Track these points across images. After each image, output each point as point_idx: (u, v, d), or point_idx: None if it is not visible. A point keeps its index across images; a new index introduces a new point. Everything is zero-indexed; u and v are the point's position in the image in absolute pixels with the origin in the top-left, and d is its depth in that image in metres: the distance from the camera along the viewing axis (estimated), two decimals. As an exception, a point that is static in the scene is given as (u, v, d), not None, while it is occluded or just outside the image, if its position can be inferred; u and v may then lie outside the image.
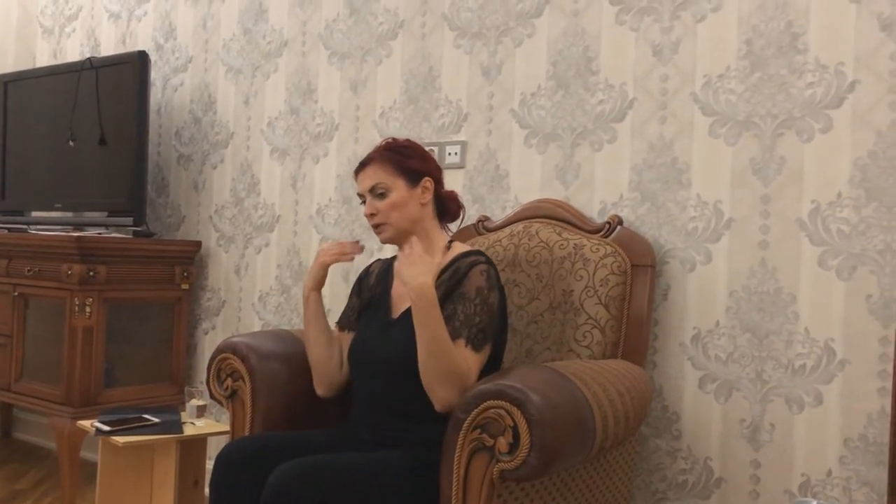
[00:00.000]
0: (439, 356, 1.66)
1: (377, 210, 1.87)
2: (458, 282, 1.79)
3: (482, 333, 1.73)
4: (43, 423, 3.69)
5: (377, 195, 1.88)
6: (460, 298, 1.76)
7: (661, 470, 2.14)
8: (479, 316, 1.74)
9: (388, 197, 1.87)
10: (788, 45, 1.98)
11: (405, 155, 1.90)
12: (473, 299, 1.75)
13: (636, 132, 2.21)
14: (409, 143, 1.96)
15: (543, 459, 1.43)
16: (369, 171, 1.90)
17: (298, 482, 1.55)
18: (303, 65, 3.00)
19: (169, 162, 3.47)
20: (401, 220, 1.87)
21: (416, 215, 1.89)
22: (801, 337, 1.94)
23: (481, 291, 1.76)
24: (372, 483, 1.62)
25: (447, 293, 1.78)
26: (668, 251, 2.15)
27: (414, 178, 1.89)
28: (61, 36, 4.00)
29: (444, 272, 1.83)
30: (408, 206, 1.88)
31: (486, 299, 1.76)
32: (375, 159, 1.90)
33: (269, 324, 3.06)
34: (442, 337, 1.67)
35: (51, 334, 3.01)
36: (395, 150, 1.91)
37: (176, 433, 2.44)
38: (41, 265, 3.02)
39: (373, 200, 1.88)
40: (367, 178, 1.90)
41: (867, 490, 1.85)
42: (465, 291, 1.76)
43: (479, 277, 1.77)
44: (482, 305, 1.75)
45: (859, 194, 1.88)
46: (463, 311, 1.74)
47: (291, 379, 2.01)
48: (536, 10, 2.41)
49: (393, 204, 1.86)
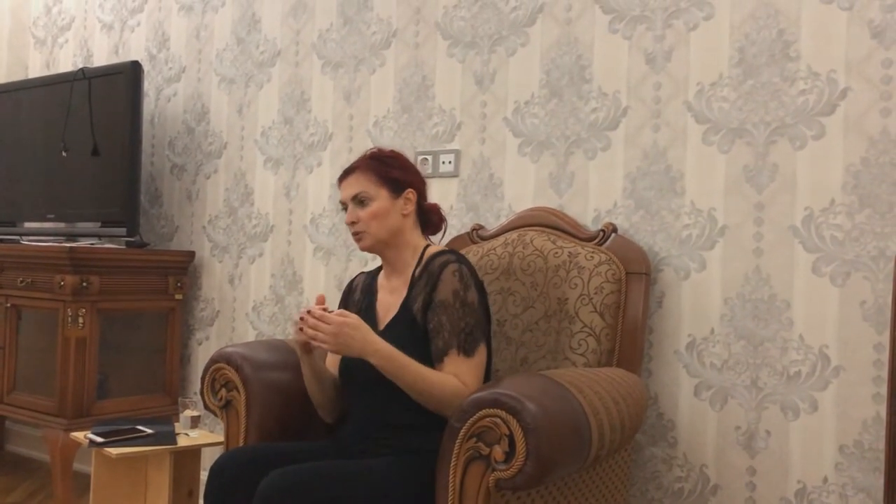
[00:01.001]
0: (424, 392, 1.71)
1: (358, 218, 1.88)
2: (433, 286, 1.80)
3: (471, 337, 1.76)
4: (36, 435, 3.66)
5: (359, 203, 1.88)
6: (441, 307, 1.77)
7: (656, 478, 2.13)
8: (464, 320, 1.76)
9: (370, 206, 1.87)
10: (780, 52, 1.99)
11: (389, 165, 1.91)
12: (453, 304, 1.77)
13: (630, 140, 2.22)
14: (394, 153, 1.96)
15: (539, 468, 1.43)
16: (352, 179, 1.90)
17: (288, 490, 1.56)
18: (296, 74, 3.00)
19: (162, 172, 3.47)
20: (381, 230, 1.88)
21: (396, 225, 1.89)
22: (796, 344, 1.94)
23: (458, 294, 1.77)
24: (361, 491, 1.62)
25: (426, 301, 1.80)
26: (662, 259, 2.15)
27: (397, 188, 1.89)
28: (54, 46, 4.00)
29: (419, 279, 1.85)
30: (389, 215, 1.88)
31: (465, 300, 1.77)
32: (359, 168, 1.91)
33: (264, 334, 3.05)
34: (416, 377, 1.71)
35: (43, 345, 2.99)
36: (379, 160, 1.92)
37: (170, 444, 2.43)
38: (34, 276, 3.01)
39: (354, 208, 1.89)
40: (350, 186, 1.90)
41: (863, 496, 1.84)
42: (444, 299, 1.78)
43: (451, 279, 1.79)
44: (463, 308, 1.77)
45: (852, 201, 1.88)
46: (448, 320, 1.76)
47: (286, 389, 2.00)
48: (529, 19, 2.42)
49: (374, 213, 1.87)
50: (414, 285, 1.86)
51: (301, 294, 2.93)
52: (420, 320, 1.81)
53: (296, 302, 2.95)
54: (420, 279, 1.85)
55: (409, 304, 1.84)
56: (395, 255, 1.92)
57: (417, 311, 1.82)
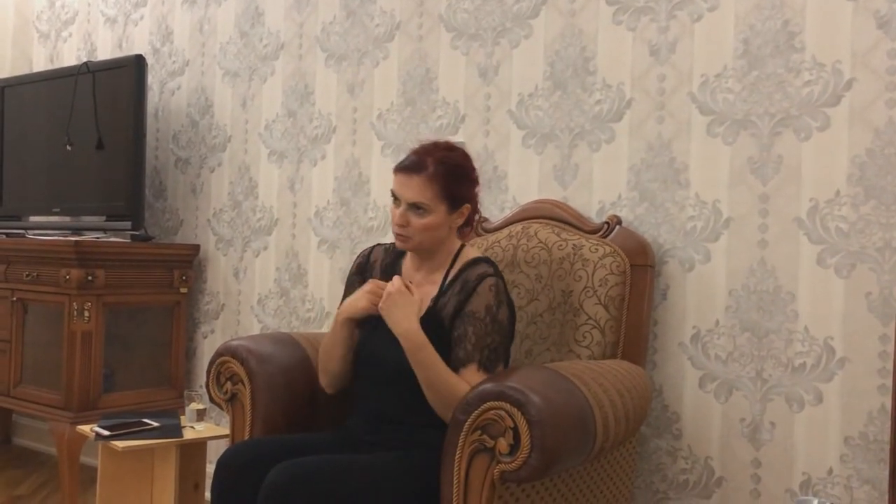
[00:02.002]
0: (440, 391, 1.70)
1: (409, 223, 1.80)
2: (467, 296, 1.78)
3: (494, 354, 1.75)
4: (42, 429, 3.68)
5: (415, 209, 1.79)
6: (471, 318, 1.75)
7: (661, 470, 2.14)
8: (491, 336, 1.75)
9: (425, 218, 1.79)
10: (785, 43, 1.98)
11: (457, 178, 1.82)
12: (483, 318, 1.75)
13: (634, 132, 2.21)
14: (463, 160, 1.86)
15: (544, 460, 1.43)
16: (417, 182, 1.78)
17: (294, 482, 1.56)
18: (299, 67, 3.00)
19: (167, 166, 3.47)
20: (428, 241, 1.83)
21: (443, 237, 1.85)
22: (801, 335, 1.94)
23: (490, 310, 1.75)
24: (368, 483, 1.62)
25: (457, 308, 1.78)
26: (667, 251, 2.14)
27: (456, 204, 1.83)
28: (58, 40, 3.99)
29: (453, 283, 1.83)
30: (440, 229, 1.82)
31: (496, 317, 1.76)
32: (428, 172, 1.78)
33: (269, 327, 3.06)
34: (438, 375, 1.70)
35: (50, 339, 3.00)
36: (449, 169, 1.80)
37: (176, 437, 2.44)
38: (39, 270, 3.02)
39: (408, 212, 1.79)
40: (412, 189, 1.78)
41: (868, 488, 1.84)
42: (475, 310, 1.75)
43: (487, 293, 1.76)
44: (493, 324, 1.75)
45: (857, 192, 1.88)
46: (474, 332, 1.74)
47: (291, 382, 2.00)
48: (533, 11, 2.41)
49: (427, 226, 1.80)
50: (447, 288, 1.83)
51: (306, 287, 2.94)
52: (447, 325, 1.79)
53: (300, 295, 2.95)
54: (454, 283, 1.82)
55: (440, 308, 1.81)
56: (430, 257, 1.88)
57: (447, 316, 1.79)
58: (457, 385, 1.70)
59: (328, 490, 1.57)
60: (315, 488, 1.56)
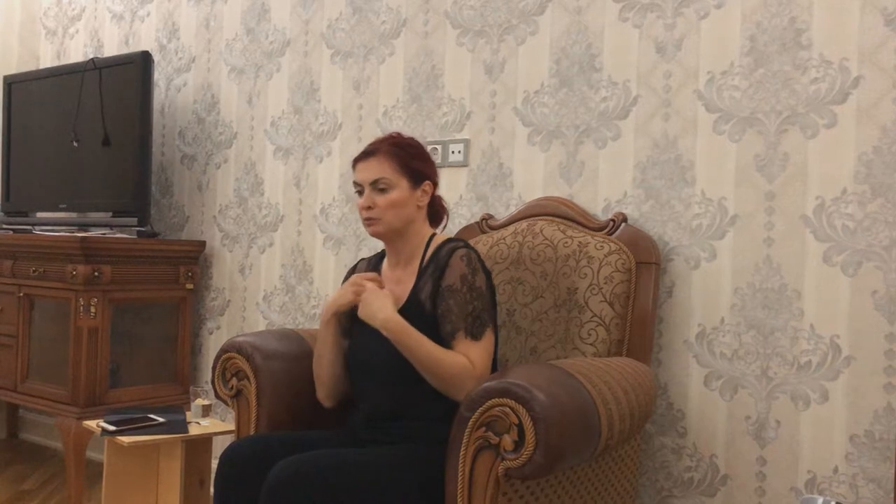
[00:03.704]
0: (434, 370, 1.72)
1: (375, 204, 1.85)
2: (441, 272, 1.80)
3: (479, 320, 1.76)
4: (49, 424, 3.70)
5: (378, 189, 1.86)
6: (449, 292, 1.78)
7: (666, 467, 2.14)
8: (472, 303, 1.77)
9: (389, 194, 1.85)
10: (792, 40, 1.98)
11: (412, 155, 1.89)
12: (461, 289, 1.77)
13: (640, 129, 2.21)
14: (415, 141, 1.94)
15: (549, 457, 1.43)
16: (373, 162, 1.87)
17: (298, 478, 1.56)
18: (305, 64, 3.00)
19: (173, 162, 3.48)
20: (396, 220, 1.86)
21: (411, 216, 1.88)
22: (807, 333, 1.93)
23: (466, 279, 1.78)
24: (371, 479, 1.62)
25: (435, 287, 1.81)
26: (672, 248, 2.14)
27: (417, 179, 1.88)
28: (64, 37, 4.01)
29: (427, 267, 1.85)
30: (406, 206, 1.87)
31: (473, 284, 1.78)
32: (381, 152, 1.87)
33: (274, 323, 3.06)
34: (429, 354, 1.72)
35: (56, 335, 3.01)
36: (402, 147, 1.89)
37: (181, 433, 2.45)
38: (46, 266, 3.03)
39: (371, 194, 1.86)
40: (370, 170, 1.87)
41: (874, 486, 1.84)
42: (452, 283, 1.78)
43: (459, 264, 1.79)
44: (471, 292, 1.77)
45: (864, 190, 1.87)
46: (455, 303, 1.77)
47: (296, 378, 2.01)
48: (539, 8, 2.40)
49: (392, 202, 1.85)
50: (422, 275, 1.86)
51: (311, 284, 2.94)
52: (429, 308, 1.81)
53: (306, 291, 2.95)
54: (428, 267, 1.85)
55: (418, 292, 1.84)
56: (404, 245, 1.91)
57: (426, 298, 1.82)
58: (453, 359, 1.72)
59: (332, 485, 1.57)
60: (319, 483, 1.57)
